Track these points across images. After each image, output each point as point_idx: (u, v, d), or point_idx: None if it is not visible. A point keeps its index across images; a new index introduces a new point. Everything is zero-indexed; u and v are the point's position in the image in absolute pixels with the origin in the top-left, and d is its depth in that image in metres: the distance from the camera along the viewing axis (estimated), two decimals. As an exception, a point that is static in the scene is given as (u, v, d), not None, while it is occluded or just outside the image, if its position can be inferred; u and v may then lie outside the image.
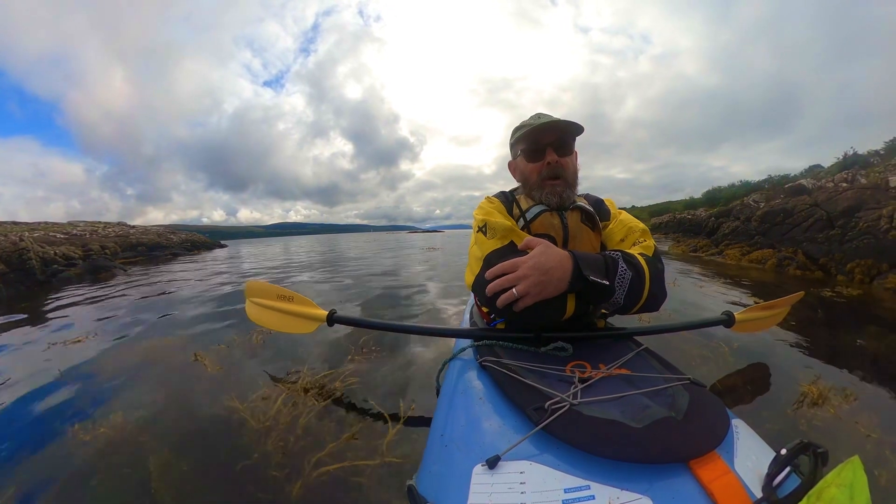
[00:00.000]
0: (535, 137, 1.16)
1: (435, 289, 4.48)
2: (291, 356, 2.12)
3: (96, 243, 11.26)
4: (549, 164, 1.13)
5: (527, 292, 0.88)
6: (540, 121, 1.14)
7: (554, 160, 1.13)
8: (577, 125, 1.13)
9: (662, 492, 0.53)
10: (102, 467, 1.24)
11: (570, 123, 1.13)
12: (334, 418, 1.48)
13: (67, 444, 1.38)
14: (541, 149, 1.15)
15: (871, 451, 1.27)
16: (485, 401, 0.81)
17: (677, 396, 0.73)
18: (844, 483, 0.44)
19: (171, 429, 1.46)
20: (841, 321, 3.04)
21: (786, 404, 1.57)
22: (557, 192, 1.14)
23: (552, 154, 1.13)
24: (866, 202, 5.57)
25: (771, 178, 13.46)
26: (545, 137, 1.15)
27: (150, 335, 2.75)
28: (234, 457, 1.25)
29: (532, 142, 1.16)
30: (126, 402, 1.67)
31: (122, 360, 2.22)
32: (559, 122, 1.12)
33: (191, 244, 17.11)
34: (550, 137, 1.14)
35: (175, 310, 3.65)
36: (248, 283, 1.80)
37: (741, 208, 8.95)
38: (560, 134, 1.15)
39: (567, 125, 1.13)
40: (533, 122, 1.15)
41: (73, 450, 1.34)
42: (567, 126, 1.13)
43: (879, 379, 1.84)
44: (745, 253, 7.11)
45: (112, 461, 1.27)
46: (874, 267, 4.65)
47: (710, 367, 1.88)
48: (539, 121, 1.14)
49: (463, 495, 0.57)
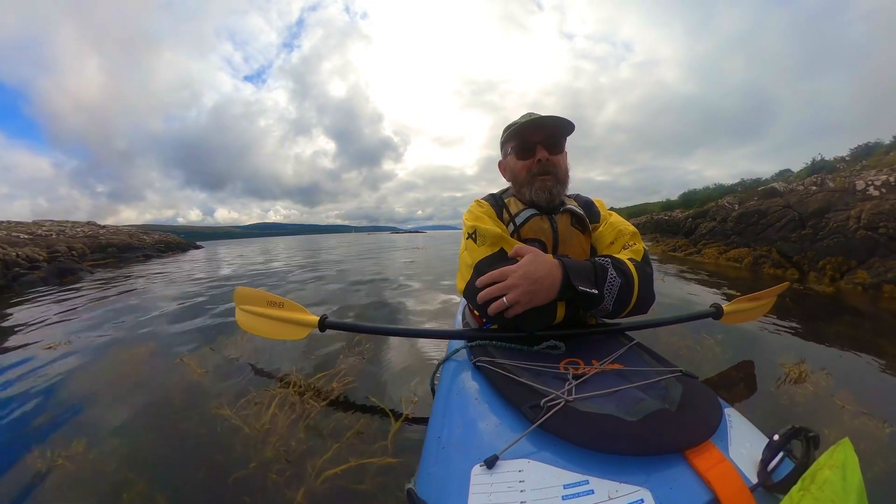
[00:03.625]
0: (525, 135, 1.16)
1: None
2: (277, 360, 2.06)
3: (63, 244, 10.75)
4: (540, 161, 1.13)
5: (517, 301, 0.89)
6: (531, 118, 1.14)
7: (544, 157, 1.13)
8: (569, 123, 1.14)
9: (660, 482, 0.53)
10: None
11: (562, 120, 1.13)
12: (335, 419, 1.45)
13: (18, 477, 1.18)
14: (531, 146, 1.15)
15: (847, 422, 1.41)
16: (480, 401, 0.81)
17: (670, 388, 0.74)
18: (837, 464, 0.45)
19: (149, 450, 1.32)
20: (816, 313, 3.23)
21: (770, 385, 1.69)
22: (547, 186, 1.14)
23: (542, 151, 1.13)
24: (835, 204, 5.84)
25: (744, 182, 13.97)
26: (536, 135, 1.15)
27: (116, 344, 2.55)
28: (227, 468, 1.18)
29: (523, 139, 1.16)
30: (93, 421, 1.50)
31: (86, 373, 2.04)
32: (550, 119, 1.12)
33: (165, 245, 16.44)
34: (541, 135, 1.14)
35: (145, 315, 3.40)
36: (236, 290, 1.75)
37: (717, 209, 9.23)
38: (551, 131, 1.15)
39: (558, 122, 1.13)
40: (524, 119, 1.15)
41: (24, 485, 1.14)
42: (558, 123, 1.14)
43: (852, 361, 2.02)
44: (723, 252, 7.35)
45: (72, 496, 1.11)
46: (844, 264, 4.89)
47: (699, 358, 1.96)
48: (530, 118, 1.14)
49: (463, 496, 0.57)
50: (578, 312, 1.03)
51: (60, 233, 13.39)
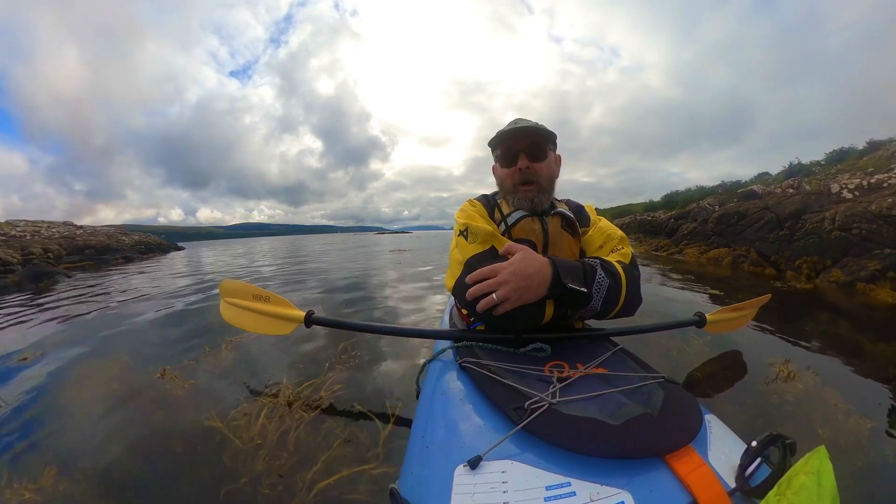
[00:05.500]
0: (507, 143, 1.17)
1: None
2: (266, 368, 2.01)
3: (38, 246, 10.35)
4: (521, 170, 1.15)
5: (506, 297, 0.89)
6: (513, 126, 1.15)
7: (525, 166, 1.14)
8: (548, 131, 1.15)
9: (641, 485, 0.54)
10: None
11: (540, 129, 1.14)
12: (324, 429, 1.42)
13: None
14: (513, 154, 1.16)
15: (840, 420, 1.44)
16: (465, 402, 0.81)
17: (652, 394, 0.75)
18: (812, 471, 0.46)
19: (129, 471, 1.22)
20: (797, 311, 3.34)
21: (760, 384, 1.72)
22: (529, 196, 1.15)
23: (524, 160, 1.15)
24: (811, 206, 6.06)
25: (724, 184, 14.30)
26: (517, 143, 1.16)
27: (93, 356, 2.35)
28: (217, 484, 1.13)
29: (505, 148, 1.18)
30: (66, 444, 1.37)
31: (60, 389, 1.88)
32: (529, 127, 1.14)
33: (145, 247, 15.98)
34: (522, 143, 1.16)
35: (125, 324, 3.17)
36: (222, 282, 1.71)
37: (698, 211, 9.46)
38: (532, 139, 1.16)
39: (536, 130, 1.15)
40: (508, 127, 1.17)
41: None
42: (537, 131, 1.15)
43: (834, 358, 2.09)
44: (703, 252, 7.55)
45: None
46: (819, 263, 5.09)
47: (688, 358, 1.99)
48: (512, 126, 1.15)
49: (446, 497, 0.57)
50: (566, 314, 1.04)
51: (35, 233, 12.96)
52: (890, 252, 4.37)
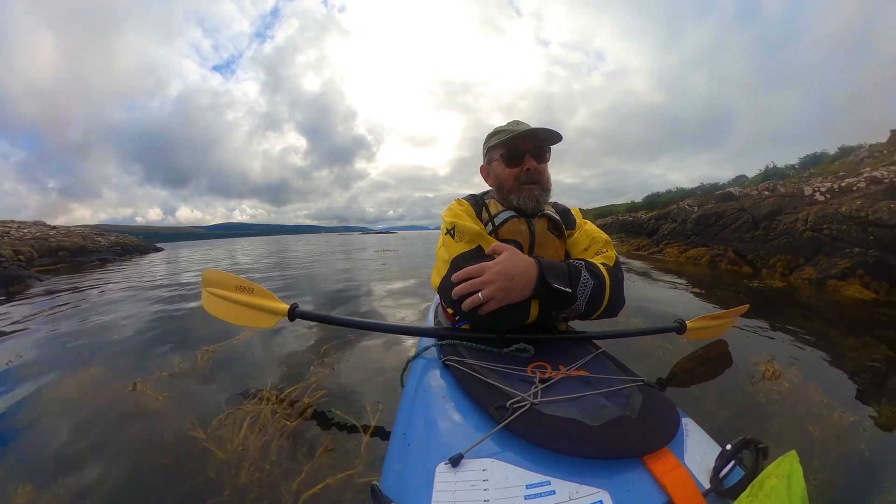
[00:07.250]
0: (515, 144, 1.18)
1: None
2: (249, 374, 1.96)
3: (8, 248, 9.89)
4: (528, 170, 1.16)
5: (492, 297, 0.90)
6: (520, 128, 1.16)
7: (533, 166, 1.16)
8: (556, 134, 1.17)
9: (619, 485, 0.55)
10: None
11: (550, 132, 1.16)
12: (308, 437, 1.39)
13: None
14: (520, 155, 1.18)
15: (825, 415, 1.47)
16: (447, 400, 0.81)
17: (632, 397, 0.76)
18: (783, 474, 0.48)
19: (110, 487, 1.16)
20: (773, 308, 3.45)
21: (746, 384, 1.76)
22: (534, 195, 1.17)
23: (531, 160, 1.16)
24: (785, 208, 6.33)
25: (703, 186, 14.69)
26: (525, 144, 1.18)
27: (71, 365, 2.19)
28: (199, 498, 1.09)
29: (511, 148, 1.19)
30: (41, 461, 1.30)
31: (31, 404, 1.74)
32: (539, 130, 1.15)
33: (122, 248, 15.39)
34: (529, 144, 1.17)
35: (102, 331, 3.00)
36: (205, 272, 1.64)
37: (678, 211, 9.70)
38: (539, 142, 1.18)
39: (546, 134, 1.17)
40: (513, 128, 1.18)
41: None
42: (546, 135, 1.17)
43: (812, 352, 2.17)
44: (683, 251, 7.76)
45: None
46: (793, 261, 5.32)
47: (671, 357, 2.01)
48: (519, 128, 1.17)
49: (427, 494, 0.57)
50: (550, 315, 1.05)
51: (5, 234, 12.43)
52: (859, 251, 4.58)
